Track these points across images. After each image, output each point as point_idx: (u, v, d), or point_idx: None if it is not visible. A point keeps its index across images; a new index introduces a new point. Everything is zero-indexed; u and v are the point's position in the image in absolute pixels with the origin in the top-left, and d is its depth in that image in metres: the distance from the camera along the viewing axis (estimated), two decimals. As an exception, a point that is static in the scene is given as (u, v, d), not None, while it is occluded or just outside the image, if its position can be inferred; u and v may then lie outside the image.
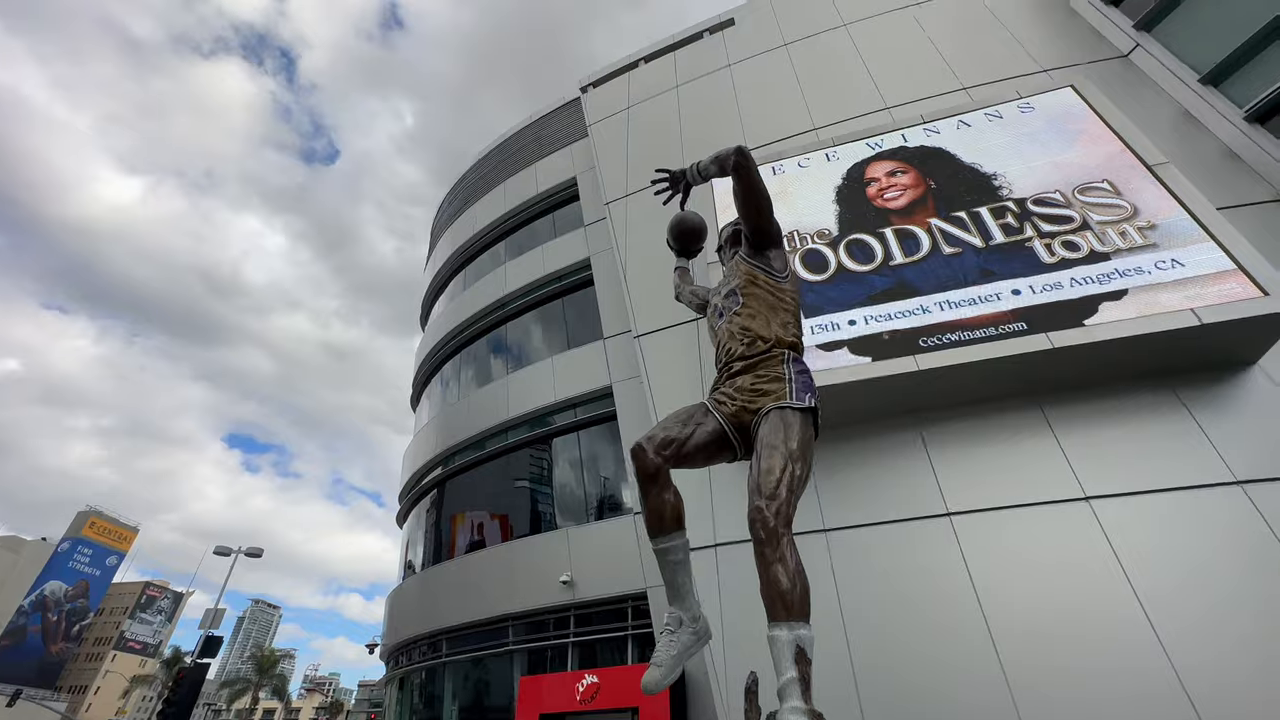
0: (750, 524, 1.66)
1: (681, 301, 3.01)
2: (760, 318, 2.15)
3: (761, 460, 1.79)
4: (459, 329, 14.04)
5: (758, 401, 1.96)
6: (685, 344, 8.19)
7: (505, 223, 14.70)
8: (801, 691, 1.40)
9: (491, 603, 9.69)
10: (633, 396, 9.54)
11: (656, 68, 12.98)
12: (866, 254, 6.81)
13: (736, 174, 2.10)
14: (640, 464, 1.89)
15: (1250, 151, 6.93)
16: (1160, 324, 5.24)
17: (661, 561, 1.90)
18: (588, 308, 11.63)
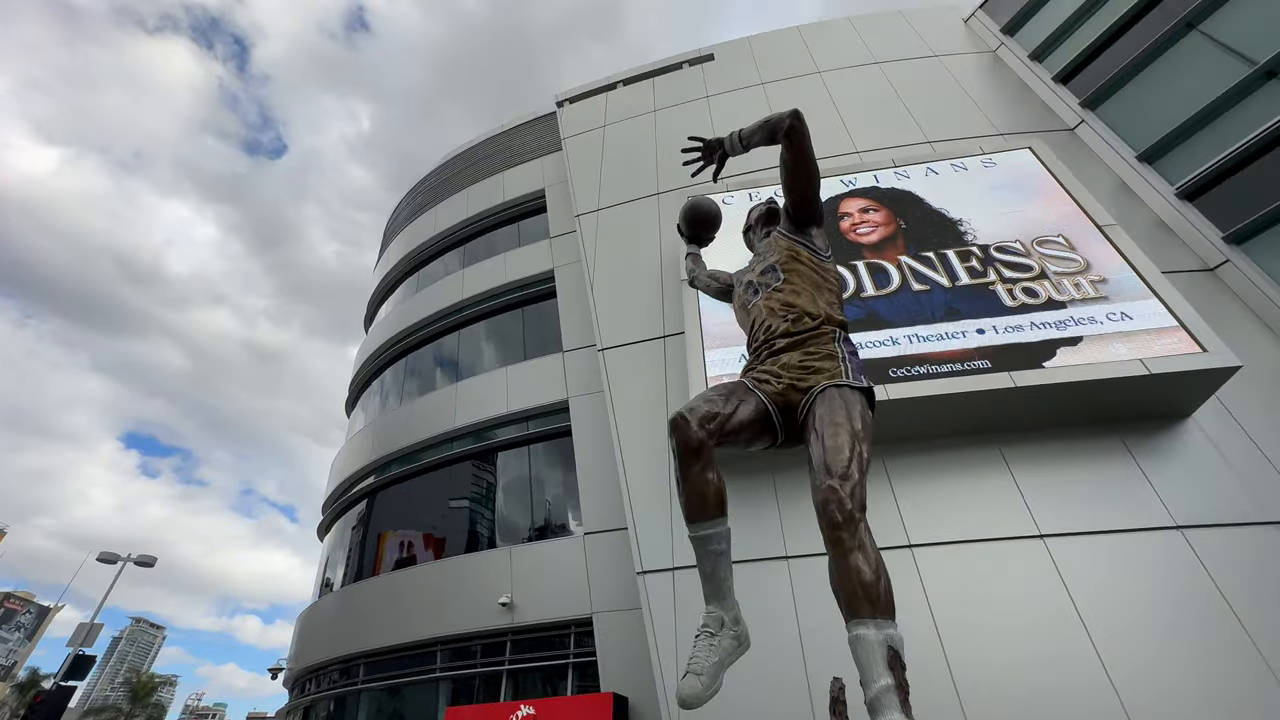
0: (822, 506, 1.45)
1: (697, 287, 2.83)
2: (805, 294, 1.99)
3: (826, 438, 1.60)
4: (407, 332, 13.35)
5: (809, 380, 1.78)
6: (651, 360, 8.02)
7: (467, 228, 14.27)
8: (900, 702, 1.18)
9: (419, 625, 8.95)
10: (590, 412, 9.24)
11: (634, 91, 13.12)
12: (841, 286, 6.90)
13: (789, 139, 1.97)
14: (682, 437, 1.66)
15: (1180, 225, 7.56)
16: (1112, 371, 5.50)
17: (701, 552, 1.66)
18: (547, 320, 11.32)
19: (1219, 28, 7.92)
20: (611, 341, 8.43)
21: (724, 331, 6.77)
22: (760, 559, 5.99)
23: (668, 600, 6.00)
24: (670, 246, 9.13)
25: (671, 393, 7.53)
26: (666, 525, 6.51)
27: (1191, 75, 8.07)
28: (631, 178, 10.86)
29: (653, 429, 7.31)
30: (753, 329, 2.07)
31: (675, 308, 8.26)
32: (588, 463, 8.84)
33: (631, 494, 6.82)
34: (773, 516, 6.23)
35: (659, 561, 6.27)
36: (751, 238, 2.57)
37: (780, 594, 5.73)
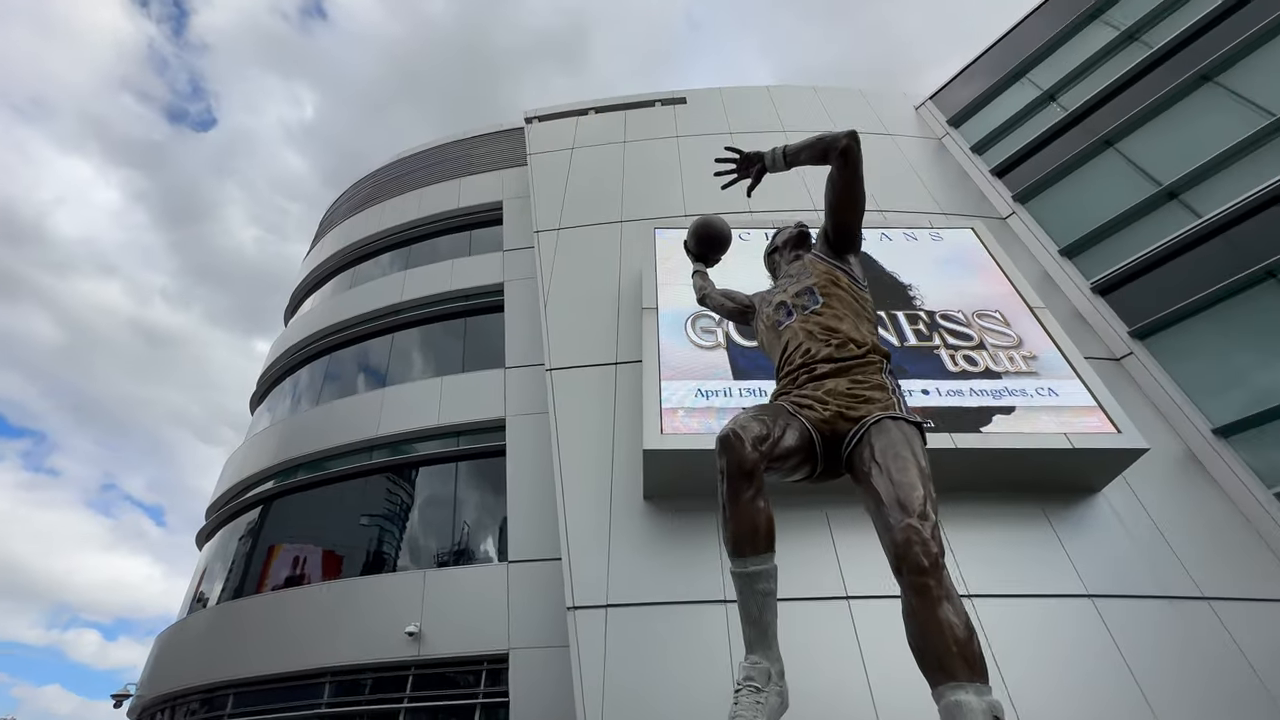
0: (904, 547, 1.31)
1: (708, 305, 2.69)
2: (848, 320, 1.90)
3: (894, 472, 1.47)
4: (335, 329, 12.44)
5: (860, 409, 1.67)
6: (601, 386, 7.81)
7: (415, 229, 13.66)
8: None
9: (308, 652, 8.01)
10: (528, 433, 8.86)
11: (606, 120, 13.22)
12: (796, 331, 7.05)
13: (844, 158, 1.91)
14: (736, 457, 1.49)
15: (1093, 316, 8.34)
16: (1040, 442, 5.86)
17: (747, 591, 1.47)
18: (491, 333, 10.90)
19: (1133, 148, 8.99)
20: (561, 362, 8.16)
21: (681, 364, 6.71)
22: (818, 598, 5.68)
23: (598, 640, 5.66)
24: (630, 275, 9.07)
25: (619, 420, 7.33)
26: (603, 559, 6.21)
27: (1108, 186, 9.08)
28: (596, 203, 10.80)
29: (597, 455, 7.06)
30: (786, 351, 1.95)
31: (631, 335, 8.14)
32: (520, 486, 8.41)
33: (569, 522, 6.49)
34: (827, 551, 5.98)
35: (593, 597, 5.94)
36: (777, 259, 2.48)
37: (844, 637, 5.51)
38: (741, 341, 6.94)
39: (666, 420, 6.11)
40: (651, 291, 7.56)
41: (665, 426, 6.04)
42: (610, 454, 7.07)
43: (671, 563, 6.10)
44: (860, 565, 5.85)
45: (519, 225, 12.08)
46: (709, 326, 7.13)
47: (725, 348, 6.87)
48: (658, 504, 6.54)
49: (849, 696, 5.16)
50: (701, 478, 6.23)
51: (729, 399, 6.32)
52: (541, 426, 8.60)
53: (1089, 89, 10.01)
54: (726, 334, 7.02)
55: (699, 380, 6.50)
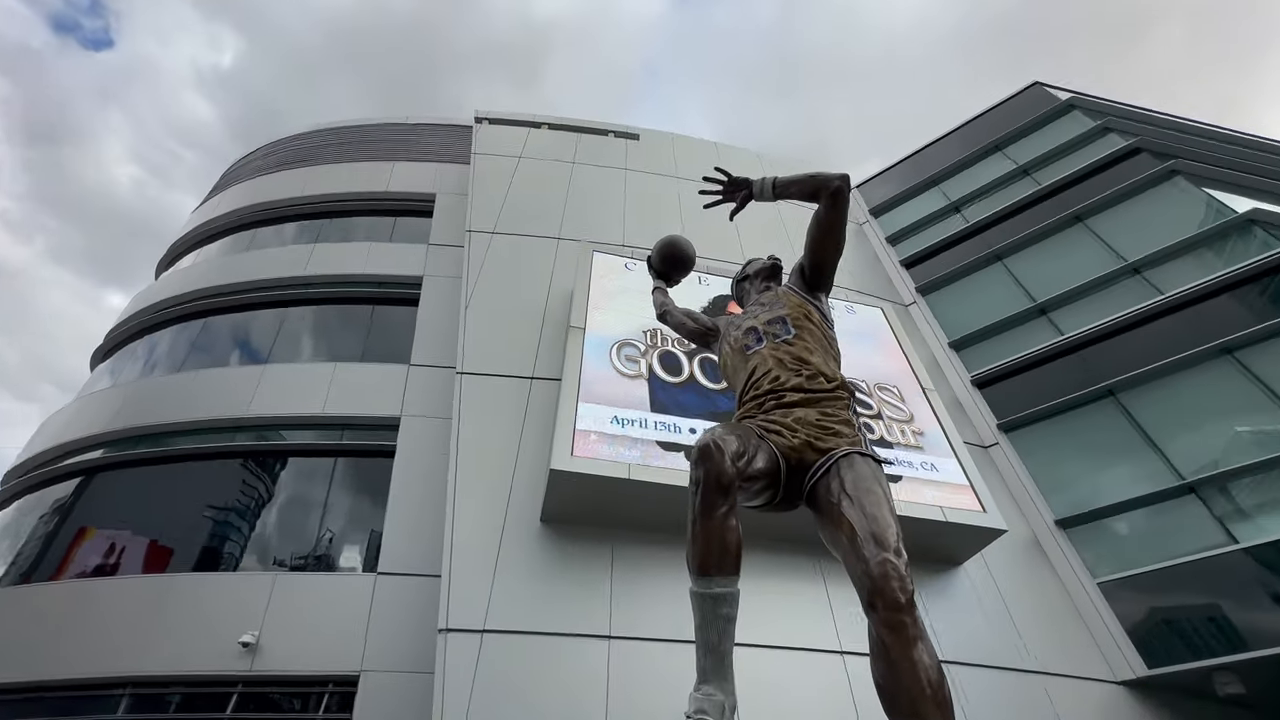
0: (881, 582, 1.27)
1: (668, 322, 2.63)
2: (818, 354, 1.91)
3: (867, 507, 1.45)
4: (218, 291, 11.13)
5: (828, 441, 1.66)
6: (513, 398, 7.50)
7: (334, 203, 12.72)
8: None
9: (107, 656, 6.76)
10: (423, 436, 8.29)
11: (557, 138, 13.20)
12: (716, 374, 7.20)
13: (834, 199, 1.96)
14: (715, 469, 1.41)
15: (970, 405, 9.26)
16: (921, 512, 6.30)
17: (709, 615, 1.37)
18: (399, 326, 10.24)
19: (1017, 265, 10.27)
20: (475, 368, 7.77)
21: (601, 388, 6.60)
22: (811, 649, 5.79)
23: (468, 667, 5.23)
24: (560, 292, 8.92)
25: (527, 436, 7.04)
26: (486, 580, 5.82)
27: (993, 294, 10.27)
28: (535, 215, 10.63)
29: (497, 468, 6.70)
30: (753, 376, 1.93)
31: (553, 352, 7.94)
32: (405, 492, 7.79)
33: (456, 536, 6.05)
34: (821, 604, 6.06)
35: (469, 620, 5.51)
36: (747, 288, 2.49)
37: (839, 692, 5.41)
38: (664, 375, 6.98)
39: (579, 442, 5.94)
40: (581, 312, 7.45)
41: (577, 448, 5.87)
42: (511, 470, 6.74)
43: (560, 592, 5.83)
44: (857, 621, 5.95)
45: (450, 222, 11.61)
46: (633, 356, 7.11)
47: (647, 379, 6.86)
48: (555, 529, 6.28)
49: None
50: (605, 506, 6.09)
51: (644, 430, 6.27)
52: (439, 431, 8.10)
53: (987, 208, 11.40)
54: (649, 366, 7.03)
55: (617, 407, 6.42)
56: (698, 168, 12.82)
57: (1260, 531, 6.62)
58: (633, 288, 8.08)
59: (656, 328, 7.55)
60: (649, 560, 6.19)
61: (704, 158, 13.39)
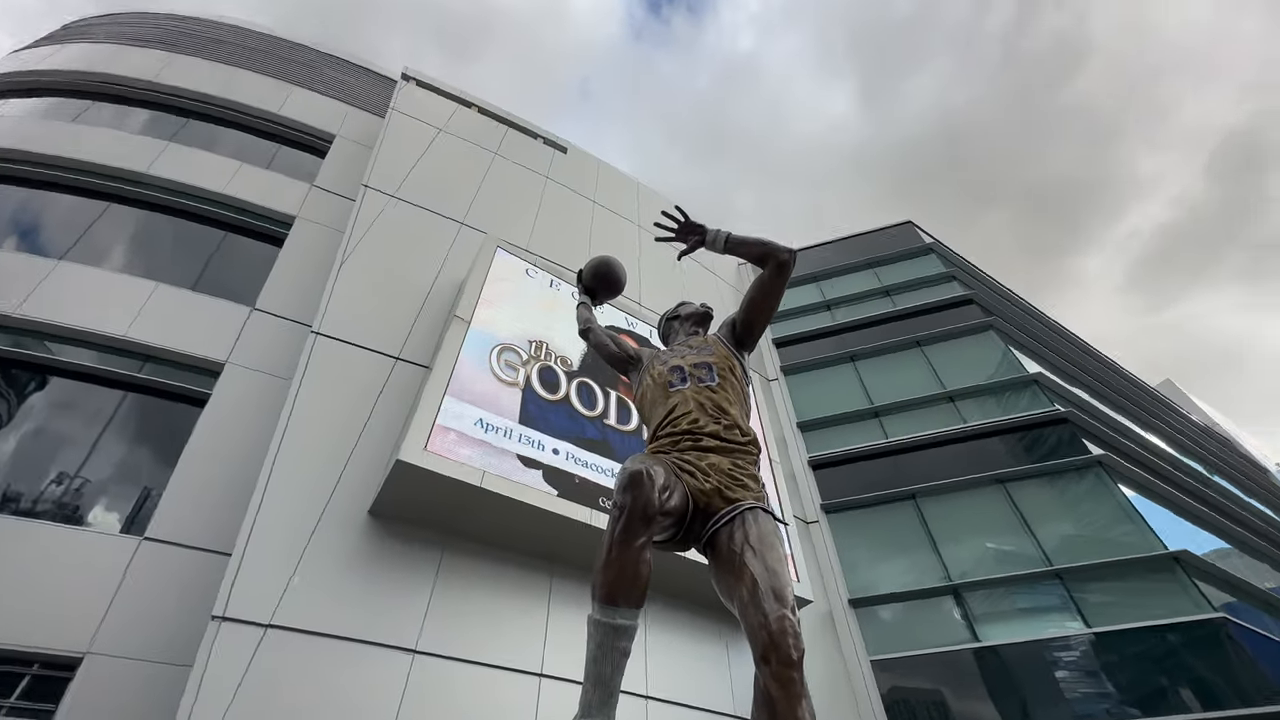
0: (778, 637, 1.30)
1: (589, 339, 2.58)
2: (737, 407, 1.99)
3: (770, 562, 1.50)
4: (28, 158, 9.00)
5: (737, 492, 1.71)
6: (370, 374, 6.85)
7: (207, 105, 11.02)
8: None
9: None
10: (248, 391, 7.23)
11: (485, 123, 12.75)
12: (590, 401, 7.20)
13: (780, 270, 2.08)
14: (644, 498, 1.38)
15: (804, 483, 10.17)
16: (746, 572, 6.70)
17: (606, 646, 1.31)
18: (251, 263, 8.99)
19: (865, 369, 11.64)
20: (335, 332, 7.02)
21: (472, 387, 6.27)
22: (710, 710, 5.85)
23: (239, 664, 4.50)
24: (450, 278, 8.45)
25: (376, 419, 6.44)
26: (287, 567, 5.12)
27: (841, 389, 11.51)
28: (443, 193, 10.07)
29: (332, 445, 6.03)
30: (672, 414, 1.95)
31: (427, 337, 7.44)
32: (206, 450, 6.69)
33: (262, 512, 5.28)
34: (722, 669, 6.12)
35: (253, 610, 4.78)
36: (676, 327, 2.53)
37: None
38: (540, 390, 6.81)
39: (436, 437, 5.55)
40: (470, 304, 7.10)
41: (432, 444, 5.47)
42: (349, 450, 6.10)
43: (372, 594, 5.29)
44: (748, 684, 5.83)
45: (344, 171, 10.59)
46: (514, 363, 6.88)
47: (522, 389, 6.66)
48: (382, 525, 5.74)
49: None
50: (444, 510, 5.72)
51: (507, 440, 6.04)
52: (270, 390, 7.15)
53: (851, 314, 12.89)
54: (528, 376, 6.84)
55: (485, 410, 6.13)
56: (616, 199, 13.09)
57: (993, 634, 7.94)
58: (529, 295, 7.90)
59: (543, 340, 7.41)
60: (477, 575, 5.88)
61: (624, 192, 13.70)
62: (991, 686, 7.53)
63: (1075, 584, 7.98)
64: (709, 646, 6.85)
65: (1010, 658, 7.71)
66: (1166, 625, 7.32)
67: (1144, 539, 8.08)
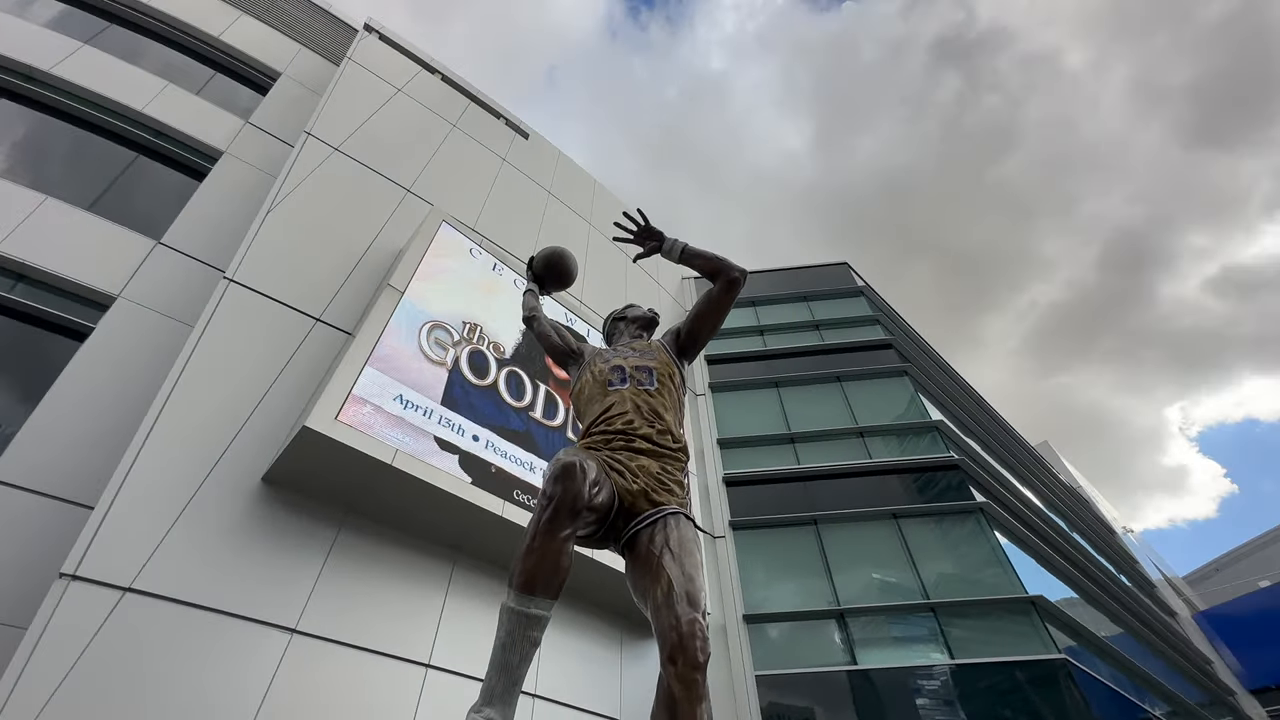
0: (688, 640, 1.33)
1: (533, 326, 2.54)
2: (672, 413, 2.02)
3: (686, 567, 1.53)
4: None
5: (663, 495, 1.73)
6: (285, 331, 6.41)
7: (137, 14, 9.99)
8: None
9: None
10: (139, 331, 6.58)
11: (446, 93, 12.32)
12: (519, 392, 7.07)
13: (731, 287, 2.14)
14: (574, 490, 1.38)
15: (715, 499, 10.43)
16: (650, 579, 6.78)
17: (517, 635, 1.29)
18: (162, 192, 8.22)
19: (787, 397, 12.11)
20: (251, 282, 6.52)
21: (396, 361, 6.00)
22: (594, 713, 5.79)
23: (88, 629, 4.06)
24: (386, 246, 8.07)
25: (285, 380, 6.03)
26: (159, 528, 4.68)
27: (762, 413, 11.93)
28: (392, 157, 9.62)
29: (230, 403, 5.59)
30: (608, 412, 1.95)
31: (353, 303, 7.06)
32: (79, 389, 6.01)
33: (138, 465, 4.81)
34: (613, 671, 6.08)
35: (112, 571, 4.33)
36: (621, 328, 2.54)
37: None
38: (467, 374, 6.62)
39: (350, 408, 5.26)
40: (407, 275, 6.81)
41: (344, 414, 5.19)
42: (249, 410, 5.68)
43: (254, 566, 4.93)
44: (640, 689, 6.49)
45: (286, 114, 9.91)
46: (444, 342, 6.66)
47: (449, 370, 6.44)
48: (276, 494, 5.37)
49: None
50: (348, 486, 5.43)
51: (426, 420, 5.82)
52: (165, 334, 6.55)
53: (781, 342, 13.40)
54: (456, 358, 6.63)
55: (406, 387, 5.88)
56: (572, 193, 12.99)
57: (868, 659, 8.45)
58: (469, 275, 7.68)
59: (478, 324, 7.22)
60: (374, 558, 5.61)
61: (581, 187, 13.61)
62: (860, 707, 7.99)
63: (945, 617, 8.64)
64: (603, 650, 6.86)
65: (880, 681, 8.22)
66: (1017, 662, 8.06)
67: (1009, 581, 8.87)
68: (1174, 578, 27.39)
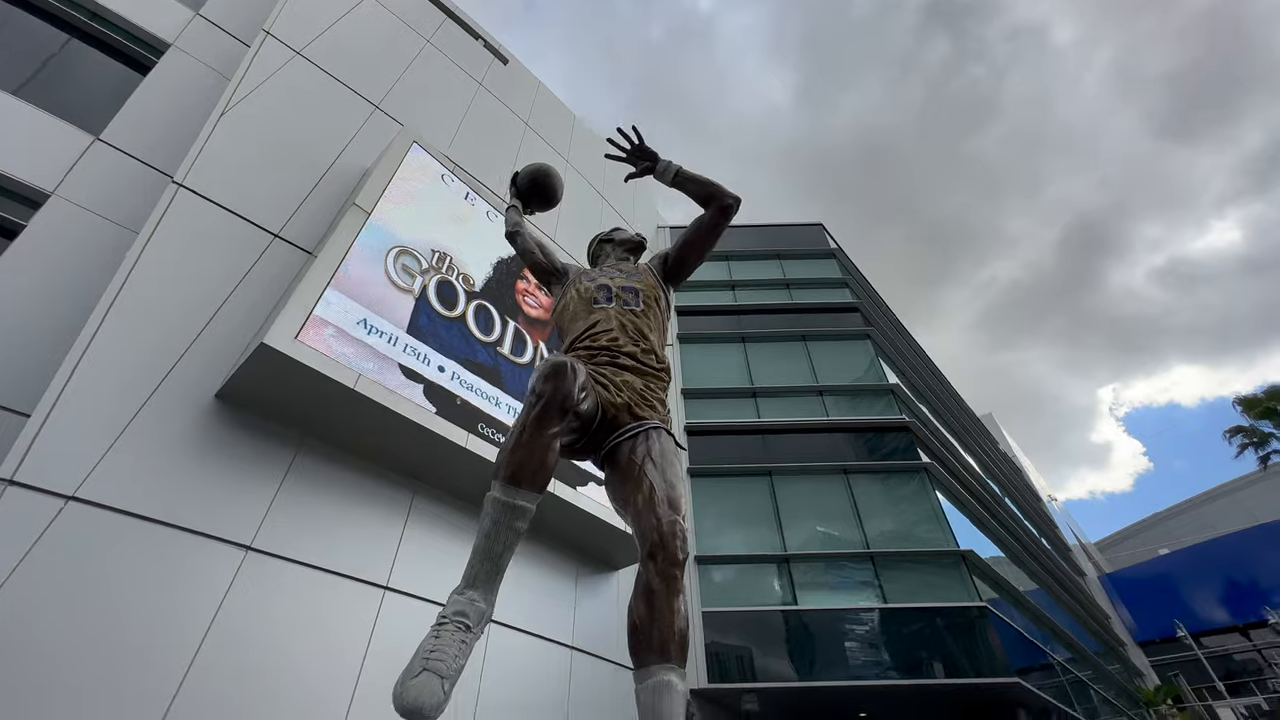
0: (669, 538, 1.37)
1: (517, 243, 2.46)
2: (657, 334, 2.01)
3: (668, 474, 1.56)
4: None
5: (645, 411, 1.74)
6: (241, 245, 6.07)
7: None
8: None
9: None
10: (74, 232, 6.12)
11: (423, 7, 11.46)
12: (488, 326, 6.95)
13: (722, 214, 2.10)
14: (565, 389, 1.36)
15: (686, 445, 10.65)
16: (607, 515, 6.92)
17: (502, 524, 1.29)
18: (103, 82, 7.50)
19: (753, 351, 12.29)
20: (205, 189, 6.10)
21: (361, 285, 5.78)
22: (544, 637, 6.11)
23: (26, 537, 3.91)
24: (351, 165, 7.64)
25: (241, 295, 5.74)
26: (104, 439, 4.48)
27: (727, 367, 12.10)
28: (359, 69, 8.98)
29: (181, 316, 5.31)
30: (592, 329, 1.93)
31: (315, 221, 6.71)
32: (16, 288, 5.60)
33: (80, 372, 4.56)
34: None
35: (55, 479, 4.14)
36: (608, 250, 2.48)
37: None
38: (435, 304, 6.44)
39: (311, 329, 5.07)
40: (373, 197, 6.49)
41: (305, 334, 5.00)
42: (201, 324, 5.41)
43: (209, 483, 4.80)
44: (590, 624, 6.91)
45: (242, 8, 9.05)
46: (411, 269, 6.43)
47: (416, 298, 6.25)
48: (229, 413, 5.19)
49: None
50: (306, 408, 5.31)
51: (391, 347, 5.67)
52: (105, 238, 6.12)
53: (751, 298, 13.49)
54: (425, 288, 6.43)
55: (371, 312, 5.69)
56: (550, 127, 12.50)
57: (808, 601, 8.97)
58: (440, 202, 7.37)
59: (448, 253, 6.99)
60: (332, 481, 5.55)
61: (559, 122, 13.09)
62: (794, 644, 8.54)
63: (883, 567, 9.20)
64: (558, 584, 7.06)
65: (817, 621, 8.77)
66: (944, 608, 8.69)
67: (944, 536, 9.46)
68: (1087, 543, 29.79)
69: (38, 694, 3.61)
